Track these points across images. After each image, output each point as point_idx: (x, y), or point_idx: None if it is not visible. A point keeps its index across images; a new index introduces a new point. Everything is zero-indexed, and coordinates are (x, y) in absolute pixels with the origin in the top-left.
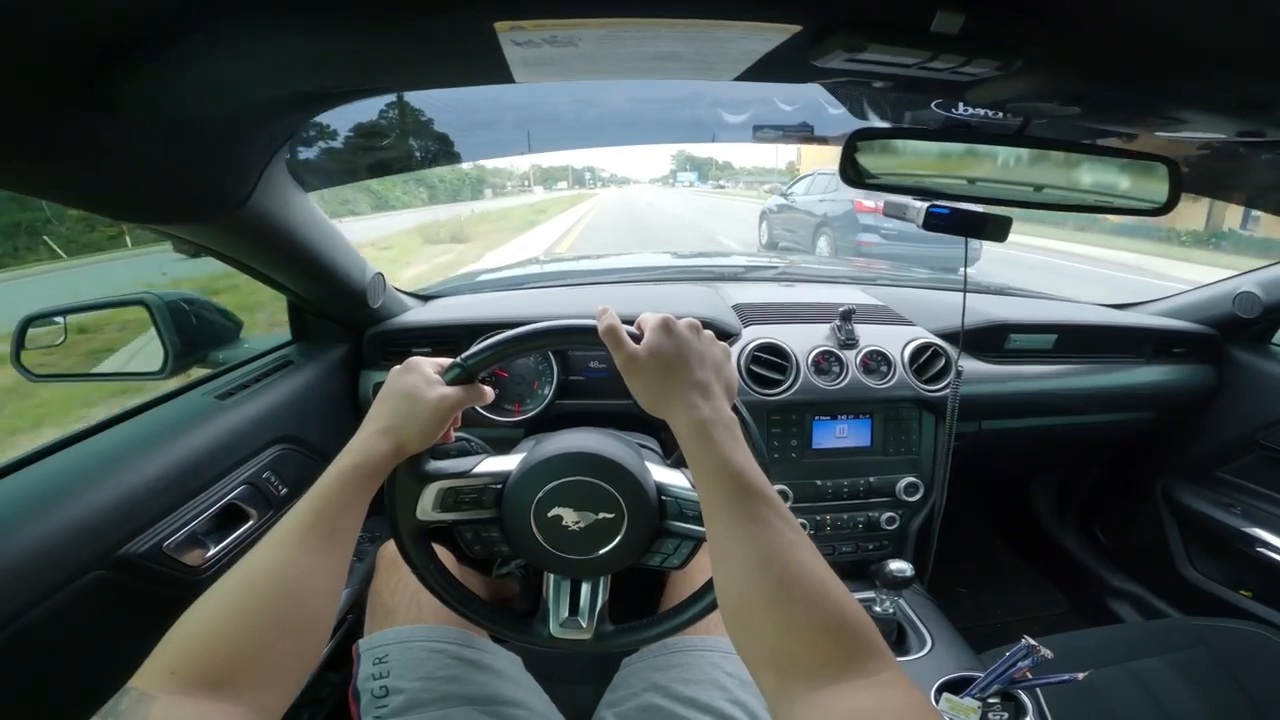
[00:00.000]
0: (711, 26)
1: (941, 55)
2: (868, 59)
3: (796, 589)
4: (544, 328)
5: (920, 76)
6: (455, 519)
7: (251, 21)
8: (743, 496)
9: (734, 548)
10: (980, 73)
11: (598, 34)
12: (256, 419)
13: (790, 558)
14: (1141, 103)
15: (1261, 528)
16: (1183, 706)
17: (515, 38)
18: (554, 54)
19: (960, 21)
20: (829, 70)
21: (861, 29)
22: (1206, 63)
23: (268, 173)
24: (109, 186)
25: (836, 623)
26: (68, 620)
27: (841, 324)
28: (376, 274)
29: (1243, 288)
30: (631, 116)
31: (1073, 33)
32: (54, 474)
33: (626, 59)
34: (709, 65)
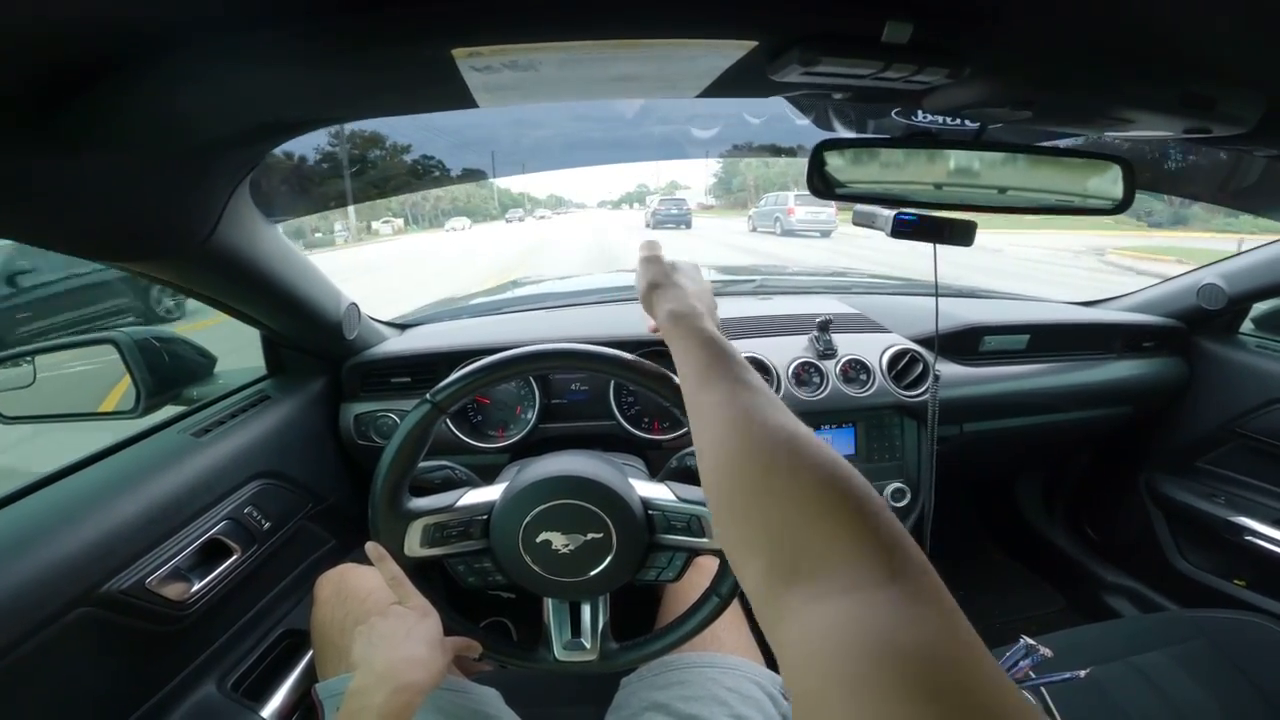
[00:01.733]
0: (669, 46)
1: (893, 65)
2: (823, 71)
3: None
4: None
5: (876, 86)
6: (445, 553)
7: (209, 55)
8: (731, 362)
9: (719, 414)
10: (932, 80)
11: (557, 57)
12: (235, 455)
13: (784, 422)
14: (1088, 105)
15: (1247, 516)
16: (1190, 698)
17: (474, 64)
18: (515, 78)
19: (909, 31)
20: (788, 84)
21: (815, 43)
22: (1146, 64)
23: (231, 205)
24: (65, 224)
25: (852, 502)
26: (56, 656)
27: (819, 335)
28: (351, 304)
29: (1206, 280)
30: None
31: (1017, 40)
32: (32, 514)
33: (589, 80)
34: (671, 84)
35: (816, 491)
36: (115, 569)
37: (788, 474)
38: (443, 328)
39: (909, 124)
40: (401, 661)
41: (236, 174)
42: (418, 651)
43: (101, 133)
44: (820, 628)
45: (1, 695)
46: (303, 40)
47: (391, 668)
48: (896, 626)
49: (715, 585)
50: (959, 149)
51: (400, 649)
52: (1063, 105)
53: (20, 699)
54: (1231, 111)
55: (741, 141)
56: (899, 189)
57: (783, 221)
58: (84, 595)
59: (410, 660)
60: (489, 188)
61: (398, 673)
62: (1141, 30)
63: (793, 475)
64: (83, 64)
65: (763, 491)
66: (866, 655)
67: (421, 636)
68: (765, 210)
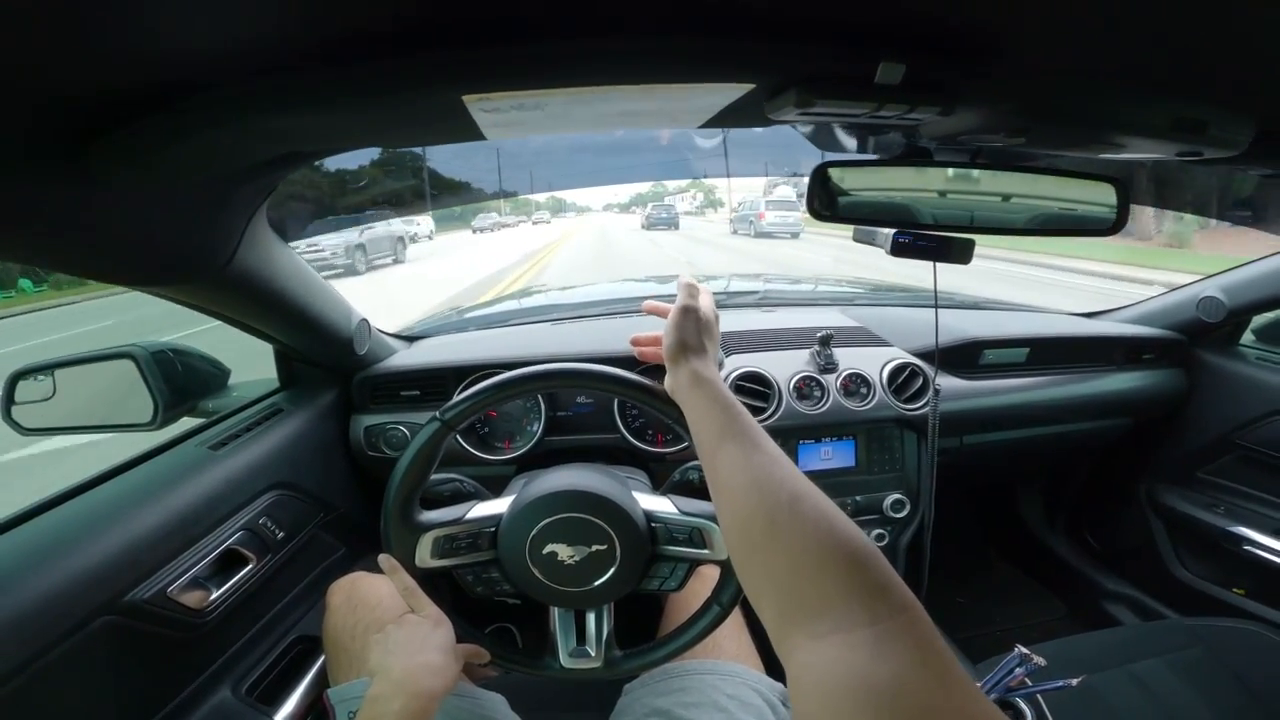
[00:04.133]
0: (669, 90)
1: (886, 104)
2: (818, 111)
3: (799, 513)
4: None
5: (870, 123)
6: (454, 564)
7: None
8: (732, 423)
9: (732, 477)
10: (924, 118)
11: (562, 99)
12: (250, 467)
13: (786, 481)
14: (1081, 130)
15: (1246, 526)
16: (1186, 707)
17: (484, 107)
18: (522, 117)
19: (901, 72)
20: (784, 120)
21: (810, 85)
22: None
23: (250, 229)
24: (91, 252)
25: (841, 555)
26: (81, 663)
27: (820, 349)
28: (362, 320)
29: (1205, 292)
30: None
31: (1008, 74)
32: (57, 526)
33: (592, 116)
34: (672, 117)
35: (812, 545)
36: (138, 579)
37: (788, 531)
38: (450, 340)
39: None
40: (418, 669)
41: (254, 201)
42: (433, 659)
43: (131, 167)
44: (815, 665)
45: (29, 702)
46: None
47: (409, 675)
48: (872, 663)
49: (716, 595)
50: (956, 167)
51: (417, 657)
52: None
53: (47, 706)
54: (1223, 135)
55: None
56: (897, 209)
57: (755, 225)
58: (108, 604)
59: (426, 667)
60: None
61: (415, 680)
62: (1132, 58)
63: (792, 532)
64: (110, 106)
65: (768, 546)
66: (847, 691)
67: (436, 645)
68: (742, 215)
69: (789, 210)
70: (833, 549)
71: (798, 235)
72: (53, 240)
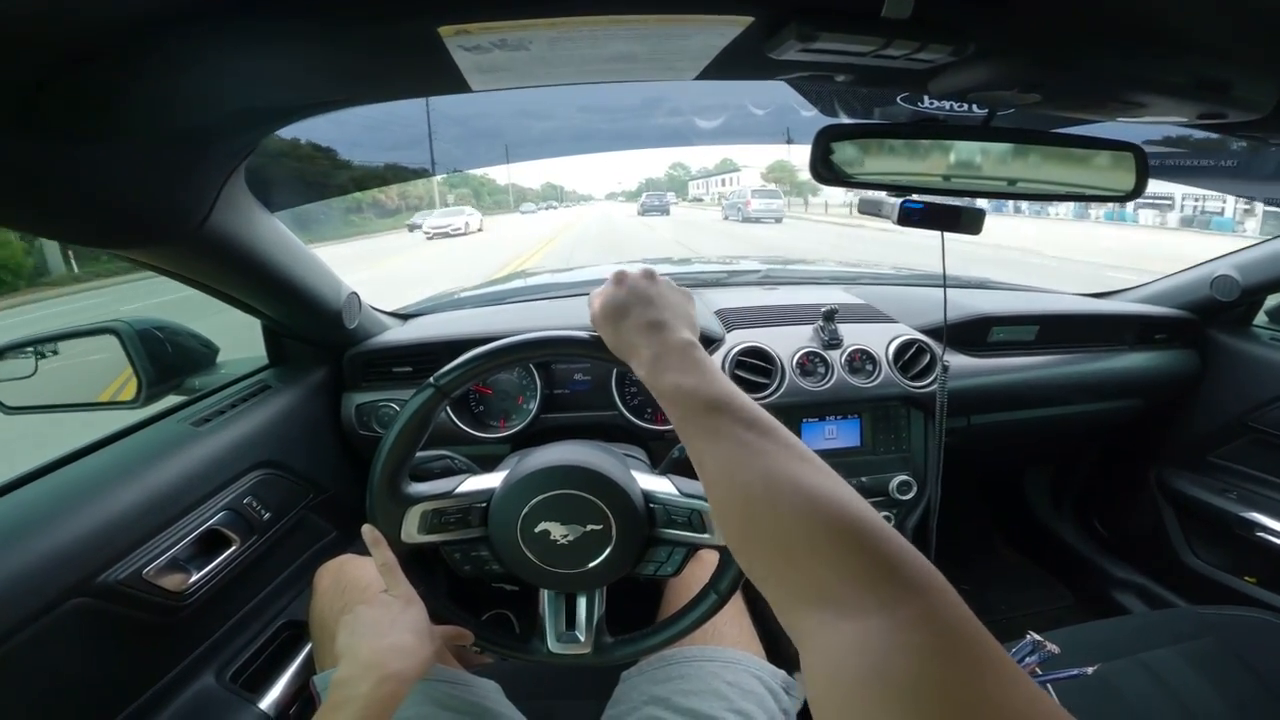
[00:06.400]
0: (663, 23)
1: (895, 41)
2: (821, 48)
3: (776, 501)
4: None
5: (876, 65)
6: (442, 540)
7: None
8: (695, 413)
9: (705, 470)
10: (935, 59)
11: (548, 35)
12: (235, 445)
13: (758, 466)
14: (1099, 88)
15: (1259, 512)
16: (1199, 696)
17: (463, 43)
18: (506, 59)
19: (910, 6)
20: (786, 63)
21: (812, 18)
22: (1160, 45)
23: (226, 192)
24: (55, 211)
25: (835, 537)
26: (51, 646)
27: (825, 324)
28: (351, 294)
29: (1219, 271)
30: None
31: (1024, 15)
32: (29, 503)
33: (583, 62)
34: (668, 65)
35: (799, 530)
36: (112, 559)
37: (768, 520)
38: (445, 317)
39: (915, 110)
40: (387, 650)
41: (229, 161)
42: (403, 640)
43: (89, 120)
44: (827, 653)
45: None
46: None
47: (376, 656)
48: (889, 656)
49: (714, 582)
50: (966, 137)
51: (386, 638)
52: (1073, 88)
53: (16, 689)
54: (1247, 96)
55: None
56: (905, 177)
57: (742, 211)
58: (80, 585)
59: (395, 649)
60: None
61: (383, 662)
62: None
63: (772, 520)
64: (68, 50)
65: (752, 538)
66: (864, 686)
67: (407, 625)
68: (731, 203)
69: (772, 198)
70: (822, 529)
71: (780, 220)
72: (10, 198)
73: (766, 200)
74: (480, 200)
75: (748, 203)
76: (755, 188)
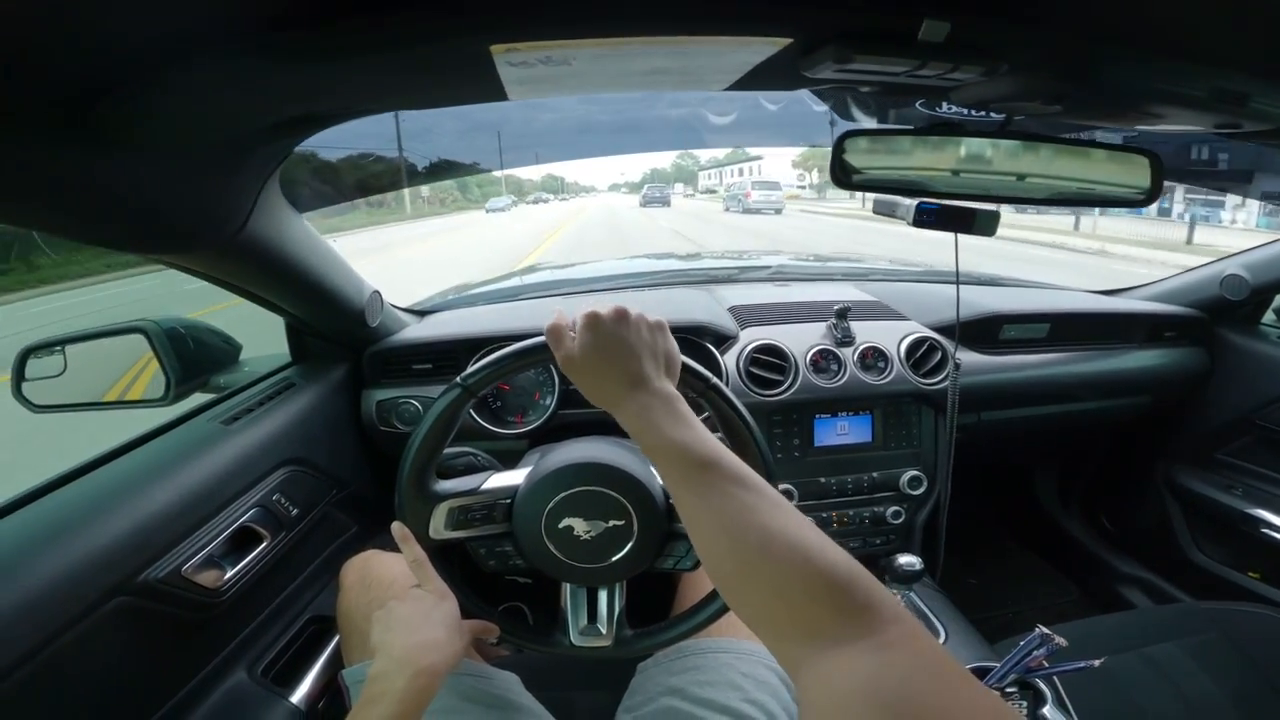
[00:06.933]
0: (704, 44)
1: (929, 63)
2: (856, 69)
3: (770, 553)
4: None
5: (907, 84)
6: (467, 536)
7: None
8: (689, 471)
9: (698, 523)
10: (966, 78)
11: (591, 52)
12: (263, 442)
13: (752, 522)
14: (1120, 100)
15: (1264, 509)
16: (1202, 691)
17: (510, 59)
18: (548, 73)
19: (946, 30)
20: (818, 79)
21: (850, 41)
22: (1182, 59)
23: (262, 197)
24: (100, 219)
25: (824, 582)
26: (96, 646)
27: (837, 322)
28: (374, 293)
29: (1229, 270)
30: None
31: (1055, 35)
32: (69, 504)
33: (618, 74)
34: (699, 78)
35: (794, 581)
36: (152, 558)
37: (763, 572)
38: (462, 314)
39: (932, 115)
40: (419, 646)
41: (266, 167)
42: (436, 635)
43: (136, 131)
44: (821, 676)
45: (45, 686)
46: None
47: (410, 652)
48: (879, 671)
49: None
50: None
51: (419, 633)
52: (1094, 100)
53: (63, 689)
54: (1263, 107)
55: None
56: (920, 178)
57: (743, 202)
58: (122, 584)
59: (429, 644)
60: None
61: (416, 657)
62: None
63: (768, 573)
64: (116, 64)
65: (745, 588)
66: (857, 698)
67: (440, 620)
68: (732, 194)
69: (771, 190)
70: (814, 579)
71: (780, 211)
72: (59, 206)
73: (766, 192)
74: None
75: (747, 194)
76: (756, 179)
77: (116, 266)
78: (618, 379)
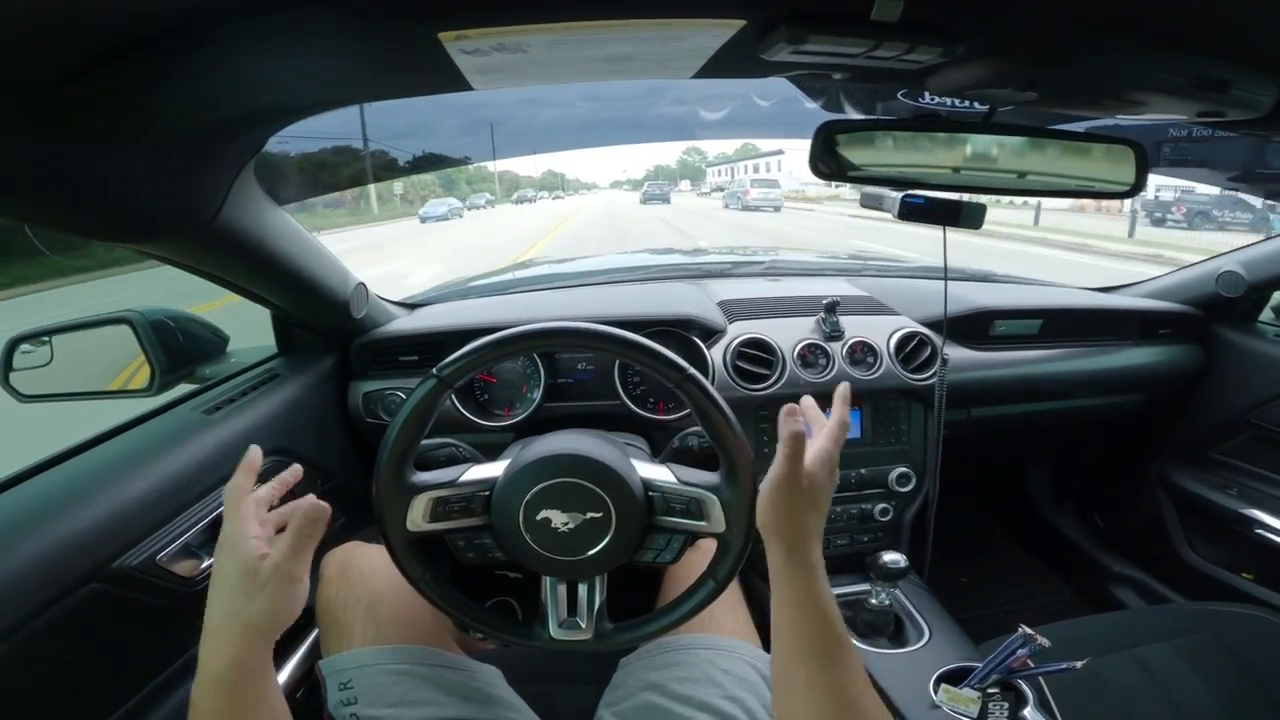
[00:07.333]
0: (657, 26)
1: (884, 43)
2: (812, 50)
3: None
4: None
5: (868, 65)
6: (446, 528)
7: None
8: (826, 643)
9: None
10: (925, 60)
11: (545, 38)
12: (245, 433)
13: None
14: (1096, 86)
15: (1258, 509)
16: (1189, 692)
17: (463, 47)
18: (505, 60)
19: (899, 9)
20: (779, 64)
21: (802, 21)
22: (1157, 45)
23: (236, 187)
24: (68, 207)
25: None
26: (67, 631)
27: (826, 316)
28: (359, 284)
29: (1225, 267)
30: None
31: (1012, 17)
32: (46, 490)
33: (580, 62)
34: (664, 64)
35: None
36: (127, 545)
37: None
38: (451, 307)
39: (916, 106)
40: None
41: (240, 157)
42: None
43: (102, 118)
44: None
45: (15, 671)
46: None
47: None
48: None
49: (712, 570)
50: (968, 131)
51: None
52: (1068, 86)
53: (33, 675)
54: (1246, 95)
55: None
56: (906, 171)
57: (742, 200)
58: (95, 571)
59: None
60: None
61: None
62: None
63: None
64: (81, 52)
65: None
66: None
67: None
68: (731, 192)
69: (770, 188)
70: None
71: (779, 209)
72: (30, 195)
73: (765, 190)
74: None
75: (746, 191)
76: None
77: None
78: (815, 523)
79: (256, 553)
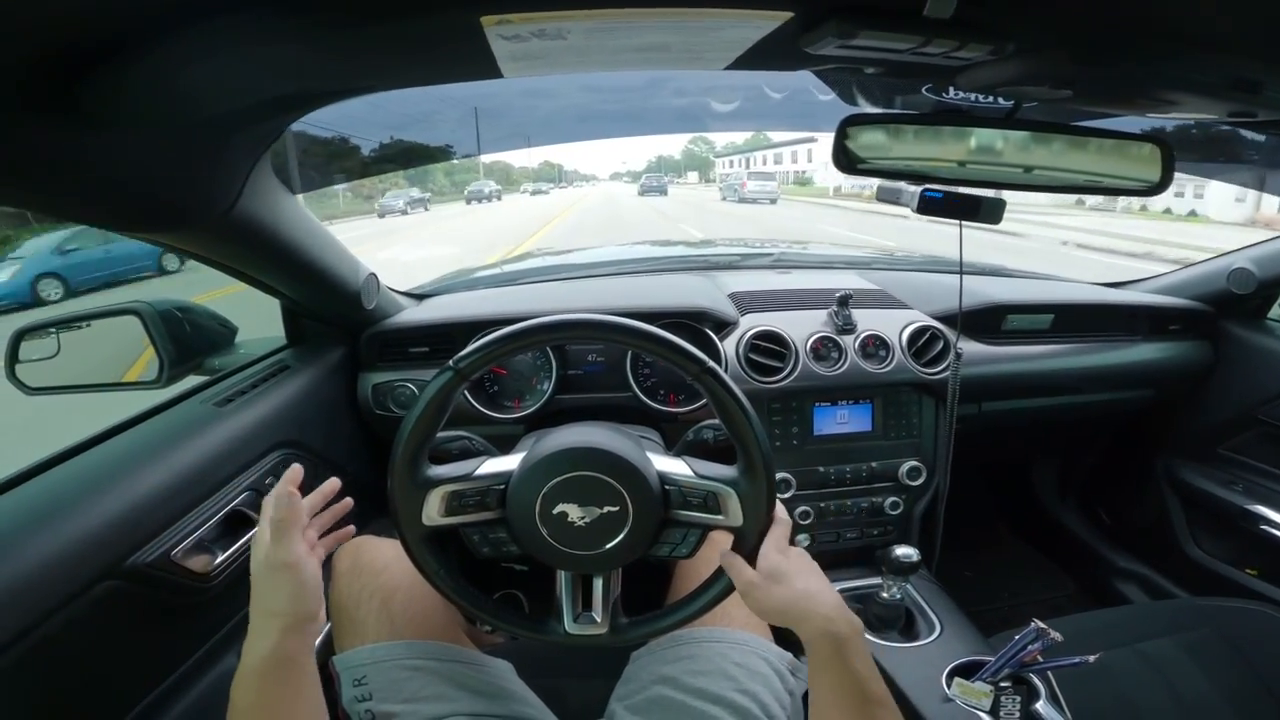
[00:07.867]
0: (702, 16)
1: (934, 40)
2: (860, 45)
3: None
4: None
5: (911, 61)
6: (461, 522)
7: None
8: (866, 707)
9: None
10: (973, 57)
11: (586, 25)
12: (256, 425)
13: None
14: (1132, 86)
15: (1264, 505)
16: (1194, 687)
17: (502, 32)
18: (542, 47)
19: (953, 6)
20: (819, 57)
21: (854, 15)
22: (1196, 45)
23: (253, 176)
24: (90, 197)
25: None
26: (83, 629)
27: (839, 309)
28: (370, 275)
29: (1237, 264)
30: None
31: (1066, 16)
32: (59, 486)
33: (615, 51)
34: (698, 55)
35: None
36: (141, 541)
37: None
38: (460, 298)
39: (939, 100)
40: None
41: (257, 147)
42: None
43: (121, 108)
44: None
45: (32, 670)
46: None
47: None
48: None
49: None
50: (990, 127)
51: None
52: (1105, 85)
53: (48, 673)
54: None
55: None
56: (925, 165)
57: (739, 192)
58: (111, 568)
59: None
60: None
61: None
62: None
63: None
64: (100, 40)
65: None
66: None
67: None
68: (728, 184)
69: (767, 180)
70: None
71: (775, 201)
72: (47, 185)
73: (761, 183)
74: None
75: (743, 184)
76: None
77: None
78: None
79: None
